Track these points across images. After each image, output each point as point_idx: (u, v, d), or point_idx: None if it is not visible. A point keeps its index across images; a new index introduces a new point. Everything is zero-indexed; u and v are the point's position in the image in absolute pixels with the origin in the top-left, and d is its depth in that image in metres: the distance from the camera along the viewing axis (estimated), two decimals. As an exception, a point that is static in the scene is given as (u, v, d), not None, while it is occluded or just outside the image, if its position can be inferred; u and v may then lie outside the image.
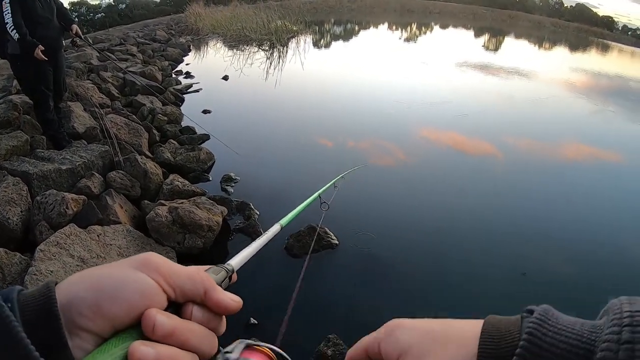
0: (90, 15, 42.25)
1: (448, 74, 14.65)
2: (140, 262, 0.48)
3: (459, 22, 44.52)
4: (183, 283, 0.48)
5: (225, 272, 0.57)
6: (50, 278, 2.88)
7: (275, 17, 19.47)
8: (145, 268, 0.47)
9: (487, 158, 7.23)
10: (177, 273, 0.48)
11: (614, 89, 16.57)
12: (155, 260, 0.48)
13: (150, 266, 0.47)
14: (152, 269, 0.47)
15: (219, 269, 0.57)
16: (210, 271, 0.55)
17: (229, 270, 0.59)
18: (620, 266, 4.47)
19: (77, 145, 5.00)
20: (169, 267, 0.48)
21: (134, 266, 0.47)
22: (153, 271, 0.47)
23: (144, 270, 0.46)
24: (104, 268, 0.47)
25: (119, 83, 8.48)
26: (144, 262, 0.47)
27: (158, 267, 0.47)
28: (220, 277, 0.55)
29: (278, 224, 1.04)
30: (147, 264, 0.47)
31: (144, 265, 0.47)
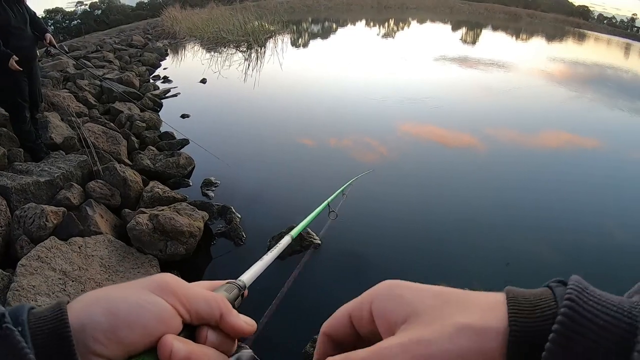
0: (66, 22, 41.81)
1: (430, 70, 14.76)
2: (156, 284, 0.47)
3: (436, 17, 44.73)
4: (199, 306, 0.47)
5: (238, 290, 0.57)
6: (35, 292, 2.88)
7: (252, 17, 19.42)
8: (160, 291, 0.46)
9: (476, 152, 7.30)
10: (193, 296, 0.48)
11: (591, 77, 16.79)
12: (172, 283, 0.48)
13: (167, 289, 0.47)
14: (168, 291, 0.46)
15: (232, 287, 0.56)
16: (223, 289, 0.55)
17: (242, 287, 0.58)
18: (604, 254, 4.56)
19: (55, 156, 4.96)
20: (186, 290, 0.48)
21: (149, 289, 0.46)
22: (169, 294, 0.46)
23: (160, 294, 0.46)
24: (119, 290, 0.46)
25: (96, 91, 8.42)
26: (160, 285, 0.47)
27: (174, 290, 0.47)
28: (233, 295, 0.55)
29: (289, 236, 1.02)
30: (164, 287, 0.47)
31: (159, 287, 0.47)
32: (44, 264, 3.14)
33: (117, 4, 47.41)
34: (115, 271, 3.42)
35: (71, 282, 3.10)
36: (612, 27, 70.34)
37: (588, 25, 61.21)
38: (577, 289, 0.36)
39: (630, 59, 29.02)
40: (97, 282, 3.22)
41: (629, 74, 19.84)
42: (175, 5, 24.85)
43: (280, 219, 4.52)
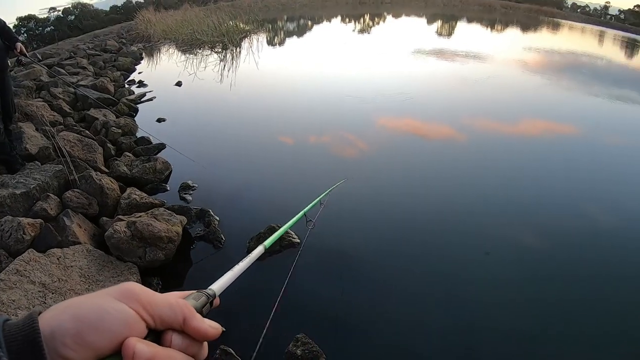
0: (39, 29, 41.22)
1: (406, 64, 14.82)
2: (120, 292, 0.50)
3: (411, 11, 44.89)
4: (162, 311, 0.50)
5: (206, 298, 0.59)
6: (15, 306, 2.89)
7: (226, 18, 19.37)
8: (125, 298, 0.49)
9: (451, 144, 7.38)
10: (156, 302, 0.51)
11: (565, 65, 17.00)
12: (135, 290, 0.50)
13: (130, 296, 0.49)
14: (132, 298, 0.49)
15: (200, 295, 0.59)
16: (191, 297, 0.57)
17: (210, 296, 0.61)
18: (582, 241, 4.66)
19: (31, 167, 4.92)
20: (149, 296, 0.51)
21: (114, 296, 0.49)
22: (133, 301, 0.49)
23: (124, 300, 0.49)
24: (86, 298, 0.48)
25: (70, 98, 8.34)
26: (124, 292, 0.50)
27: (138, 297, 0.50)
28: (200, 303, 0.57)
29: (262, 246, 1.02)
30: (127, 294, 0.50)
31: (123, 295, 0.49)
32: (23, 278, 3.13)
33: (90, 8, 46.83)
34: (95, 281, 3.43)
35: (51, 294, 3.10)
36: (585, 15, 71.13)
37: (562, 14, 61.80)
38: None
39: (604, 46, 29.41)
40: (78, 292, 3.23)
41: (603, 61, 20.13)
42: (149, 7, 24.67)
43: (258, 220, 4.55)
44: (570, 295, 3.82)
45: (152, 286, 3.66)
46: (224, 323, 1.93)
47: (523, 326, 3.41)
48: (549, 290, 3.87)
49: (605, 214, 5.31)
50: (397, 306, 3.60)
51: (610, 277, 4.10)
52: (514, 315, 3.55)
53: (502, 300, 3.72)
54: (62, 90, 8.51)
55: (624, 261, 4.34)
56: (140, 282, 3.57)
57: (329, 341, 3.14)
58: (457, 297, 3.74)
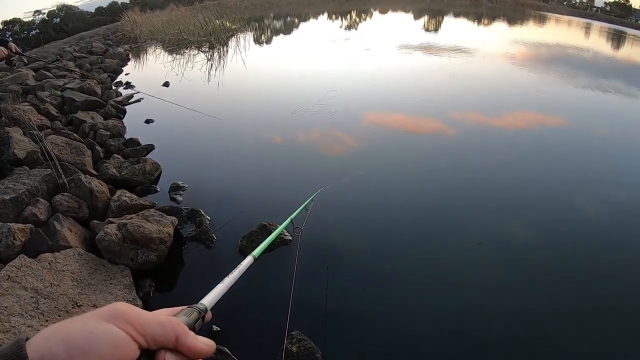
0: (24, 32, 40.91)
1: (394, 59, 14.85)
2: (109, 313, 0.49)
3: (397, 6, 44.89)
4: (154, 330, 0.50)
5: (197, 313, 0.59)
6: (7, 313, 2.87)
7: (212, 17, 19.29)
8: (114, 319, 0.48)
9: (441, 139, 7.40)
10: (147, 321, 0.50)
11: (553, 57, 17.10)
12: (124, 310, 0.50)
13: (120, 316, 0.49)
14: (121, 319, 0.49)
15: (192, 310, 0.59)
16: (182, 314, 0.57)
17: (202, 311, 0.61)
18: (573, 233, 4.69)
19: (19, 172, 4.88)
20: (140, 316, 0.50)
21: (103, 318, 0.49)
22: (122, 321, 0.48)
23: (113, 321, 0.48)
24: (75, 322, 0.48)
25: (57, 102, 8.27)
26: (113, 313, 0.49)
27: (127, 317, 0.49)
28: (192, 319, 0.57)
29: (251, 256, 1.01)
30: (116, 315, 0.49)
31: (113, 316, 0.49)
32: (14, 284, 3.12)
33: (76, 10, 46.48)
34: (88, 284, 3.41)
35: (44, 300, 3.09)
36: (571, 7, 71.50)
37: (548, 7, 62.05)
38: None
39: (591, 38, 29.61)
40: (70, 297, 3.21)
41: (589, 53, 20.27)
42: (134, 8, 24.53)
43: (250, 219, 4.55)
44: (564, 284, 3.85)
45: (146, 288, 3.66)
46: (218, 322, 1.95)
47: (517, 318, 3.44)
48: (542, 279, 3.90)
49: (599, 204, 5.35)
50: (390, 302, 3.61)
51: (602, 266, 4.14)
52: (508, 308, 3.57)
53: (495, 293, 3.74)
54: (49, 94, 8.44)
55: (617, 249, 4.39)
56: (132, 284, 3.57)
57: (324, 338, 3.15)
58: (450, 292, 3.76)
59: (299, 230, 3.85)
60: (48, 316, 2.97)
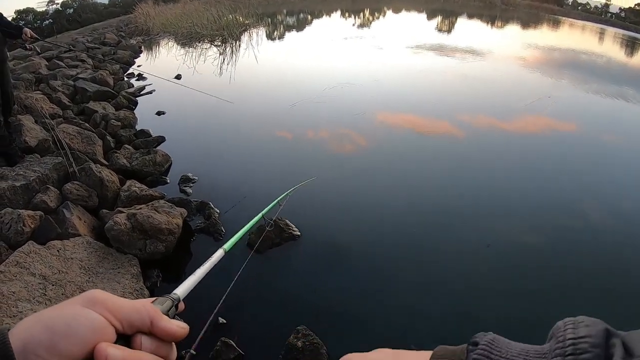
0: (37, 22, 41.07)
1: (407, 59, 14.81)
2: (87, 299, 0.50)
3: (411, 6, 44.72)
4: (129, 315, 0.51)
5: (171, 302, 0.60)
6: (15, 298, 2.88)
7: (226, 11, 19.29)
8: (92, 305, 0.49)
9: (443, 138, 7.37)
10: (122, 306, 0.51)
11: (566, 63, 16.99)
12: (101, 297, 0.51)
13: (97, 302, 0.50)
14: (99, 304, 0.50)
15: (165, 299, 0.60)
16: (157, 302, 0.58)
17: (175, 300, 0.62)
18: (581, 233, 4.69)
19: (30, 159, 4.91)
20: (115, 302, 0.51)
21: (81, 304, 0.49)
22: (100, 307, 0.49)
23: (91, 307, 0.49)
24: (55, 309, 0.49)
25: (69, 91, 8.32)
26: (91, 299, 0.50)
27: (104, 303, 0.50)
28: (166, 306, 0.59)
29: (222, 249, 1.03)
30: (94, 301, 0.50)
31: (90, 302, 0.50)
32: (23, 270, 3.13)
33: (89, 2, 46.66)
34: (96, 273, 3.42)
35: (51, 286, 3.10)
36: (586, 13, 70.99)
37: (562, 11, 61.69)
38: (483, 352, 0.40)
39: (603, 44, 29.41)
40: (78, 284, 3.22)
41: (603, 59, 20.13)
42: (148, 1, 24.54)
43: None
44: (566, 286, 3.83)
45: (153, 278, 3.68)
46: (225, 316, 1.93)
47: (517, 312, 3.42)
48: (547, 280, 3.87)
49: (605, 207, 5.32)
50: (395, 297, 3.61)
51: (607, 267, 4.12)
52: (508, 301, 3.56)
53: (498, 292, 3.72)
54: (62, 83, 8.49)
55: (624, 252, 4.37)
56: (140, 274, 3.59)
57: (329, 333, 3.14)
58: (451, 283, 3.77)
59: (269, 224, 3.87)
60: (55, 302, 2.96)
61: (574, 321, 0.39)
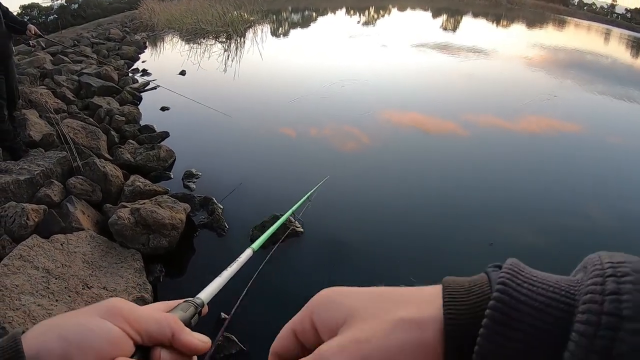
0: (42, 17, 41.08)
1: (411, 57, 14.79)
2: (105, 309, 0.48)
3: (416, 3, 44.67)
4: (149, 327, 0.48)
5: (194, 308, 0.57)
6: (18, 291, 2.89)
7: (230, 8, 19.26)
8: (109, 315, 0.47)
9: (448, 136, 7.37)
10: (142, 317, 0.49)
11: (571, 63, 16.95)
12: (120, 306, 0.49)
13: (115, 312, 0.48)
14: (117, 315, 0.47)
15: (188, 305, 0.57)
16: (179, 309, 0.55)
17: (199, 305, 0.59)
18: (584, 232, 4.68)
19: (35, 153, 4.92)
20: (134, 312, 0.49)
21: (99, 314, 0.47)
22: (118, 318, 0.47)
23: (109, 318, 0.47)
24: (70, 317, 0.47)
25: (74, 86, 8.33)
26: (109, 309, 0.48)
27: (123, 313, 0.48)
28: (189, 314, 0.55)
29: (250, 249, 1.01)
30: (112, 311, 0.48)
31: (108, 312, 0.48)
32: (26, 263, 3.14)
33: (94, -3, 46.68)
34: (99, 267, 3.43)
35: (54, 280, 3.10)
36: (592, 13, 70.81)
37: (568, 11, 61.57)
38: (511, 272, 0.36)
39: (609, 44, 29.31)
40: (81, 278, 3.23)
41: (608, 60, 20.07)
42: (152, -3, 24.51)
43: (262, 208, 4.55)
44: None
45: (156, 273, 3.68)
46: (226, 311, 1.93)
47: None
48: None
49: (610, 207, 5.33)
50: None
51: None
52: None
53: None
54: (66, 78, 8.50)
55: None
56: (143, 268, 3.58)
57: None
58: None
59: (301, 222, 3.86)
60: (58, 296, 2.99)
61: (608, 253, 0.36)
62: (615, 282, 0.32)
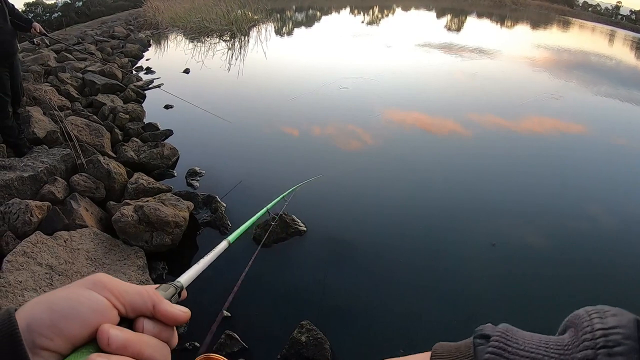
0: (46, 15, 41.09)
1: (415, 57, 14.78)
2: (90, 281, 0.51)
3: (420, 3, 44.65)
4: (132, 299, 0.51)
5: (174, 289, 0.61)
6: (21, 287, 2.89)
7: (235, 6, 19.26)
8: (95, 287, 0.50)
9: (450, 136, 7.36)
10: (126, 290, 0.52)
11: (575, 64, 16.92)
12: (105, 280, 0.51)
13: (100, 284, 0.50)
14: (102, 287, 0.50)
15: (168, 286, 0.60)
16: (160, 289, 0.58)
17: (178, 287, 0.62)
18: (586, 234, 4.68)
19: (39, 150, 4.93)
20: (118, 285, 0.52)
21: (85, 285, 0.50)
22: (103, 289, 0.50)
23: (95, 289, 0.50)
24: (59, 290, 0.49)
25: (78, 84, 8.34)
26: (94, 282, 0.51)
27: (108, 285, 0.50)
28: (169, 293, 0.59)
29: (225, 241, 1.05)
30: (97, 283, 0.50)
31: (94, 284, 0.50)
32: (30, 259, 3.14)
33: (98, -6, 46.68)
34: (102, 264, 3.44)
35: (58, 276, 3.11)
36: (597, 14, 70.55)
37: (572, 12, 61.39)
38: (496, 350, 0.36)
39: (614, 46, 29.23)
40: (84, 275, 3.23)
41: (612, 61, 20.02)
42: (157, -6, 24.51)
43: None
44: (574, 287, 3.81)
45: (159, 270, 3.69)
46: (229, 310, 1.94)
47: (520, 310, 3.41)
48: (551, 285, 3.86)
49: (616, 207, 5.32)
50: (399, 294, 3.62)
51: (617, 266, 4.11)
52: (519, 306, 3.55)
53: (503, 291, 3.72)
54: (70, 76, 8.50)
55: (626, 257, 4.35)
56: (146, 265, 3.60)
57: (333, 328, 3.15)
58: (455, 281, 3.77)
59: (273, 219, 3.87)
60: (62, 293, 2.99)
61: (599, 310, 0.35)
62: (607, 354, 0.31)
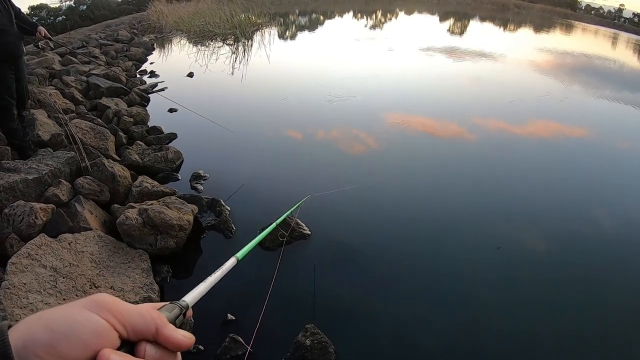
0: (50, 18, 41.20)
1: (418, 62, 14.80)
2: (91, 302, 0.49)
3: (423, 7, 44.69)
4: (134, 321, 0.50)
5: (179, 309, 0.59)
6: (26, 289, 2.89)
7: (238, 10, 19.30)
8: (96, 308, 0.48)
9: (455, 140, 7.35)
10: (128, 312, 0.50)
11: (577, 68, 16.90)
12: (106, 300, 0.50)
13: (101, 306, 0.49)
14: (103, 308, 0.49)
15: (173, 307, 0.59)
16: (164, 309, 0.57)
17: (183, 307, 0.60)
18: (589, 238, 4.67)
19: (43, 153, 4.93)
20: (120, 306, 0.50)
21: (85, 306, 0.48)
22: (104, 311, 0.48)
23: (95, 310, 0.48)
24: (58, 309, 0.48)
25: (82, 87, 8.35)
26: (95, 302, 0.49)
27: (109, 307, 0.49)
28: (173, 314, 0.57)
29: (234, 257, 1.02)
30: (98, 304, 0.49)
31: (95, 305, 0.49)
32: (34, 262, 3.14)
33: (103, -2, 46.86)
34: (106, 266, 3.43)
35: (62, 279, 3.11)
36: (599, 17, 70.45)
37: (575, 15, 61.36)
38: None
39: (616, 49, 29.20)
40: (88, 277, 3.23)
41: (616, 65, 20.00)
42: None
43: (269, 210, 4.55)
44: (576, 296, 3.80)
45: (163, 273, 3.69)
46: (234, 313, 1.94)
47: (530, 318, 3.39)
48: (555, 289, 3.85)
49: (618, 215, 5.29)
50: (403, 298, 3.61)
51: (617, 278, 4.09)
52: (520, 309, 3.53)
53: (505, 294, 3.70)
54: (75, 79, 8.51)
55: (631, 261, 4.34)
56: (150, 268, 3.59)
57: (338, 332, 3.13)
58: (460, 285, 3.76)
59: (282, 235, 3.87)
60: (66, 295, 2.99)
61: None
62: None
